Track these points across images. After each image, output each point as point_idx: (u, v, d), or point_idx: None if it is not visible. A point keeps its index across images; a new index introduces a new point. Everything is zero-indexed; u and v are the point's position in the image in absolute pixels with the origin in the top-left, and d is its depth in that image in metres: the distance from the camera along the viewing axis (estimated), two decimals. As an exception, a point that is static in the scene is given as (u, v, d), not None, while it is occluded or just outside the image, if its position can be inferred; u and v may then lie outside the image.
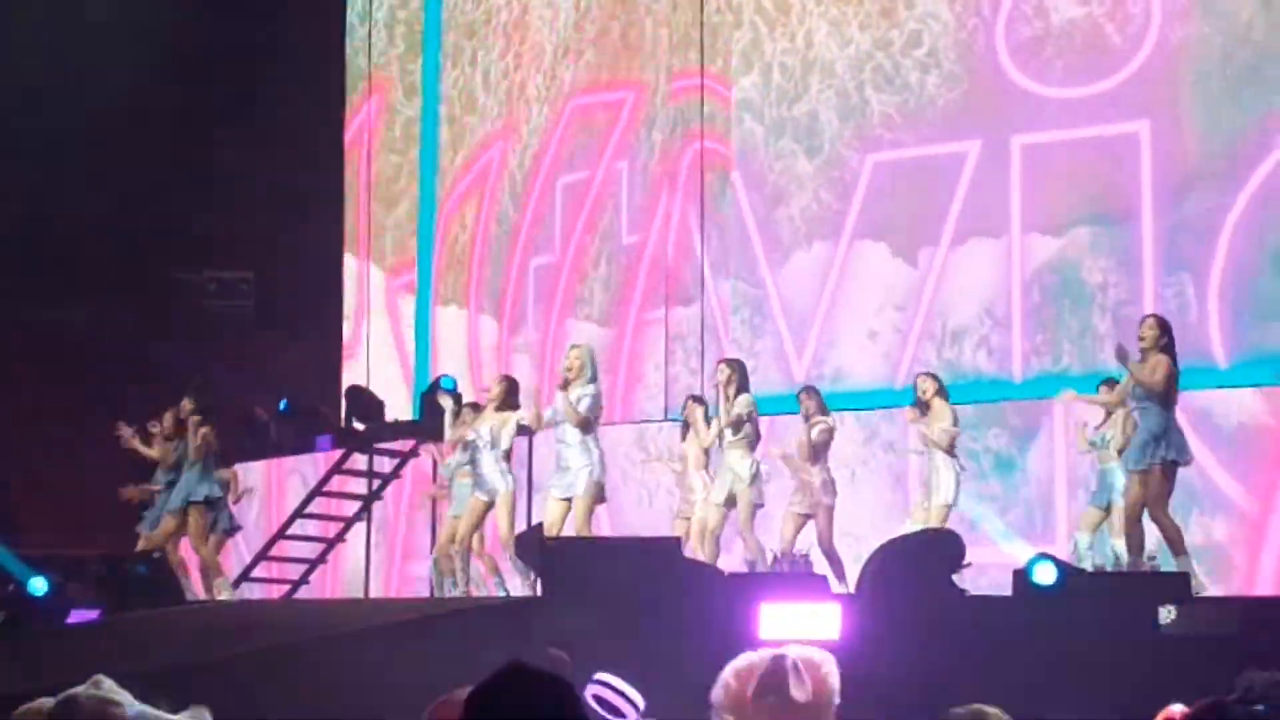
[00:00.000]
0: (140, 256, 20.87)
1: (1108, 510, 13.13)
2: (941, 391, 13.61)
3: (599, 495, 12.66)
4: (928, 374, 13.95)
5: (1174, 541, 11.48)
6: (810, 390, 14.04)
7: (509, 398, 13.41)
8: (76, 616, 12.34)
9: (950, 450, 13.41)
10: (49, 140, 19.76)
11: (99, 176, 20.04)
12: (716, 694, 3.72)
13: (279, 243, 21.07)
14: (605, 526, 15.59)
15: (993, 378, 16.24)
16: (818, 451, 13.58)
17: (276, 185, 20.53)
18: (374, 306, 21.38)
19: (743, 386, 13.49)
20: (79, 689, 3.87)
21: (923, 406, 13.56)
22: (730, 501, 13.45)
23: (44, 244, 20.42)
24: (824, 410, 13.73)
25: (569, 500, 12.60)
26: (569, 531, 12.60)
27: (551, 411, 12.86)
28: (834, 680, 3.65)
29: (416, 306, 21.14)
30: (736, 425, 13.40)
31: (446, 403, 13.90)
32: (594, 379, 12.72)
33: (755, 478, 13.48)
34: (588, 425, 12.56)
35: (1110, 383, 13.12)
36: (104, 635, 11.74)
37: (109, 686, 3.90)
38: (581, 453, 12.50)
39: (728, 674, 3.71)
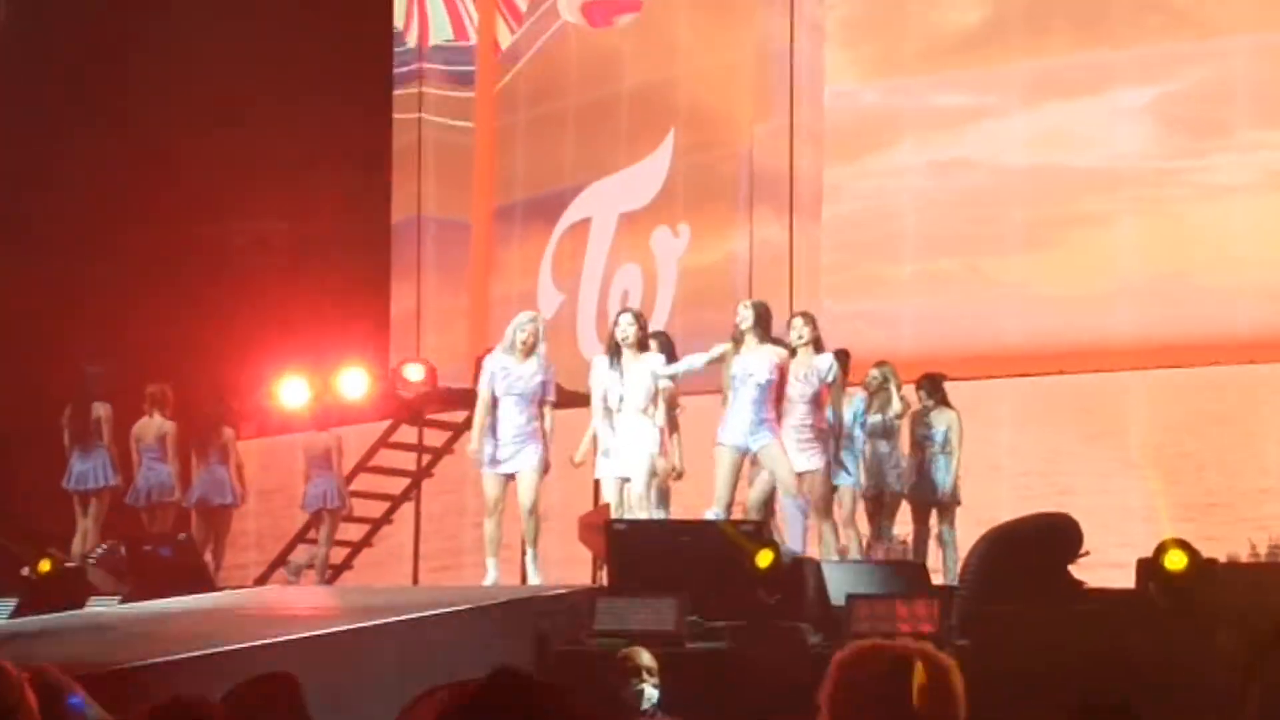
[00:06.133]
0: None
1: None
2: None
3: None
4: None
5: None
6: None
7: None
8: (96, 603, 12.00)
9: None
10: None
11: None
12: (825, 689, 3.57)
13: (320, 194, 20.47)
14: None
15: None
16: None
17: (319, 133, 19.95)
18: (428, 262, 20.70)
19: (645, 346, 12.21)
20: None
21: None
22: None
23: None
24: None
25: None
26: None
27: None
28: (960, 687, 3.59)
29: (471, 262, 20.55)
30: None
31: None
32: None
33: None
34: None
35: None
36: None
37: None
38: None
39: (834, 666, 3.58)
